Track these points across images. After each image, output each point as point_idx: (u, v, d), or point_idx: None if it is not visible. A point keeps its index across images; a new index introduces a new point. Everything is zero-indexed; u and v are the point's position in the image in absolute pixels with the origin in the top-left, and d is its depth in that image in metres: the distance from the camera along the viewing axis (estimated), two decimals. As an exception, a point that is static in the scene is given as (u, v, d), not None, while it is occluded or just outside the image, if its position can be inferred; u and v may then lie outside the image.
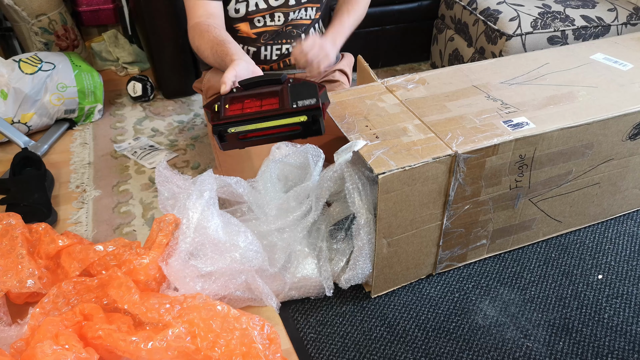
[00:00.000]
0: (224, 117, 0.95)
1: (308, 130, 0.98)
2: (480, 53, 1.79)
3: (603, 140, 1.17)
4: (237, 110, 0.96)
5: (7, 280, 1.07)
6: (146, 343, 0.92)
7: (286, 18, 1.26)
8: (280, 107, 0.95)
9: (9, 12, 1.86)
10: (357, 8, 1.31)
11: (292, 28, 1.29)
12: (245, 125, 0.95)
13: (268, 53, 1.32)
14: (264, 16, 1.25)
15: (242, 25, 1.27)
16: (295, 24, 1.29)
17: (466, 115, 1.13)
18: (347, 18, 1.28)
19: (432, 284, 1.21)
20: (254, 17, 1.25)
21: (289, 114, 0.95)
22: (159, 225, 1.14)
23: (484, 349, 1.07)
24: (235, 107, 0.96)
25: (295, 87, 0.97)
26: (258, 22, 1.26)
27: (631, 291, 1.18)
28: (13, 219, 1.18)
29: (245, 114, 0.95)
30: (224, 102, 0.97)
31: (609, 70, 1.32)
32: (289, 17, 1.26)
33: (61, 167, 1.61)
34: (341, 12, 1.30)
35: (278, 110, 0.95)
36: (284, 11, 1.25)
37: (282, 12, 1.25)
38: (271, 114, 0.95)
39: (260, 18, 1.25)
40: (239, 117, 0.95)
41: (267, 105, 0.96)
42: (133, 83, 1.91)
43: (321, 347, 1.07)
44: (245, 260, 1.07)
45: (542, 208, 1.23)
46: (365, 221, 1.05)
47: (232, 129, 0.96)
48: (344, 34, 1.27)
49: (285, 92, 0.97)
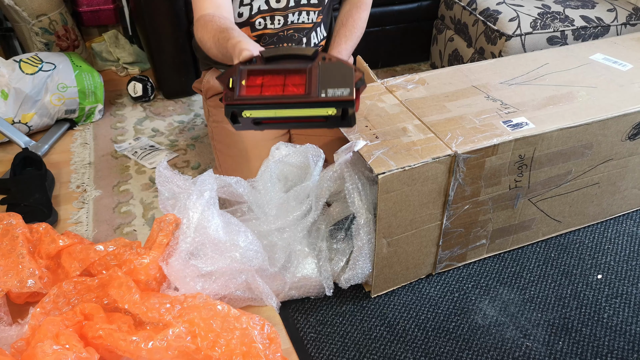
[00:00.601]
0: (239, 98, 0.81)
1: (335, 122, 0.83)
2: (479, 53, 1.79)
3: (602, 140, 1.17)
4: (255, 90, 0.81)
5: (8, 280, 1.08)
6: (146, 343, 0.92)
7: (285, 21, 1.27)
8: (307, 92, 0.79)
9: (10, 13, 1.86)
10: (355, 31, 1.29)
11: (294, 32, 1.29)
12: (263, 109, 0.81)
13: None
14: (265, 17, 1.25)
15: (244, 30, 1.27)
16: (297, 27, 1.29)
17: (466, 115, 1.13)
18: (344, 45, 1.27)
19: (432, 284, 1.21)
20: (255, 20, 1.25)
21: (316, 103, 0.80)
22: (159, 225, 1.14)
23: (483, 349, 1.07)
24: (253, 84, 0.81)
25: (328, 68, 0.81)
26: (259, 24, 1.26)
27: (630, 291, 1.19)
28: (13, 218, 1.18)
29: (264, 97, 0.80)
30: (241, 75, 0.82)
31: (609, 71, 1.32)
32: (287, 19, 1.26)
33: (62, 167, 1.61)
34: (339, 37, 1.28)
35: (303, 98, 0.80)
36: (282, 14, 1.25)
37: (281, 15, 1.25)
38: (294, 100, 0.80)
39: (261, 20, 1.25)
40: (256, 100, 0.80)
41: (291, 87, 0.81)
42: (133, 83, 1.91)
43: (321, 346, 1.08)
44: (245, 260, 1.07)
45: (541, 208, 1.23)
46: (365, 221, 1.05)
47: (248, 112, 0.81)
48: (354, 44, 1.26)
49: (315, 73, 0.81)
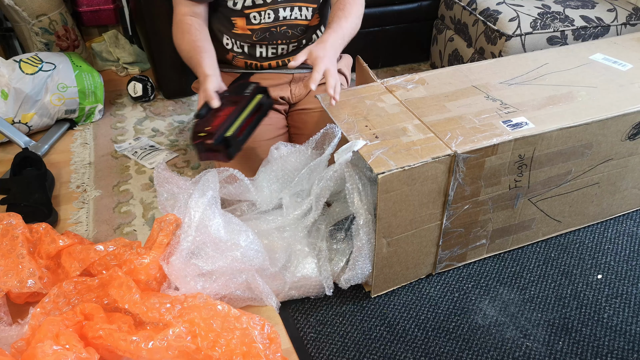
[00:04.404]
0: (217, 130, 1.08)
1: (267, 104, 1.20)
2: (479, 53, 1.79)
3: (602, 140, 1.17)
4: (220, 119, 1.11)
5: (8, 280, 1.08)
6: (147, 343, 0.92)
7: (276, 15, 1.26)
8: (243, 100, 1.16)
9: (10, 13, 1.86)
10: (353, 12, 1.26)
11: (287, 28, 1.29)
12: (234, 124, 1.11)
13: (263, 51, 1.32)
14: (260, 12, 1.25)
15: (239, 20, 1.27)
16: (290, 24, 1.29)
17: (466, 115, 1.13)
18: (344, 22, 1.24)
19: (432, 284, 1.21)
20: (250, 13, 1.25)
21: (250, 99, 1.16)
22: (159, 225, 1.14)
23: (483, 349, 1.07)
24: (217, 120, 1.11)
25: (238, 86, 1.21)
26: (254, 18, 1.26)
27: (630, 291, 1.19)
28: (13, 219, 1.18)
29: (229, 116, 1.11)
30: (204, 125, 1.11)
31: (609, 71, 1.32)
32: (279, 14, 1.26)
33: (62, 167, 1.61)
34: (338, 17, 1.25)
35: (244, 102, 1.15)
36: (272, 8, 1.25)
37: (271, 9, 1.25)
38: (242, 105, 1.14)
39: (257, 14, 1.25)
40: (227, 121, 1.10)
41: (234, 104, 1.14)
42: (133, 83, 1.91)
43: (321, 346, 1.08)
44: (246, 260, 1.07)
45: (541, 208, 1.23)
46: (364, 221, 1.05)
47: (228, 132, 1.09)
48: (343, 38, 1.23)
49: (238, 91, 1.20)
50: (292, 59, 1.12)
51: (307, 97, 1.41)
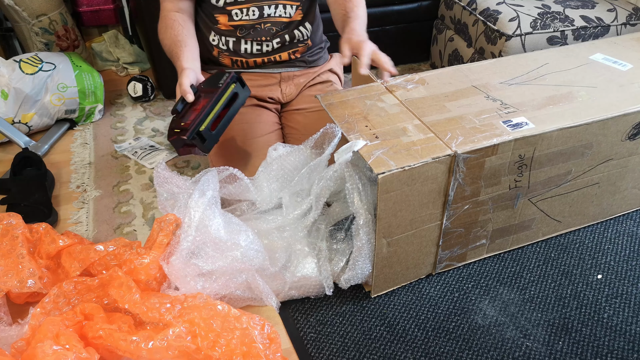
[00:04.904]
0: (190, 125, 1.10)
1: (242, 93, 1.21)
2: (479, 53, 1.79)
3: (602, 140, 1.17)
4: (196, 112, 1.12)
5: (8, 280, 1.08)
6: (147, 343, 0.92)
7: (261, 12, 1.27)
8: (217, 91, 1.15)
9: (10, 13, 1.87)
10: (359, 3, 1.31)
11: (271, 25, 1.29)
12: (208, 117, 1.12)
13: (248, 47, 1.33)
14: (242, 9, 1.26)
15: (221, 17, 1.28)
16: (273, 21, 1.29)
17: (466, 115, 1.13)
18: (358, 10, 1.28)
19: (432, 284, 1.21)
20: (232, 10, 1.26)
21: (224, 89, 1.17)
22: (159, 225, 1.14)
23: (483, 349, 1.07)
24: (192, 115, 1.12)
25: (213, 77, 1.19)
26: (236, 15, 1.27)
27: (630, 291, 1.19)
28: (13, 219, 1.18)
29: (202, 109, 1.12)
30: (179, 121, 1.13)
31: (609, 71, 1.32)
32: (263, 11, 1.27)
33: (62, 167, 1.61)
34: (349, 8, 1.28)
35: (217, 93, 1.15)
36: (258, 5, 1.26)
37: (256, 6, 1.26)
38: (216, 97, 1.14)
39: (238, 11, 1.26)
40: (200, 115, 1.11)
41: (209, 97, 1.15)
42: (133, 83, 1.91)
43: (321, 346, 1.08)
44: (246, 259, 1.07)
45: (541, 208, 1.23)
46: (364, 221, 1.05)
47: (202, 126, 1.11)
48: (364, 22, 1.28)
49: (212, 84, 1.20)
50: (360, 66, 1.15)
51: (299, 96, 1.41)
